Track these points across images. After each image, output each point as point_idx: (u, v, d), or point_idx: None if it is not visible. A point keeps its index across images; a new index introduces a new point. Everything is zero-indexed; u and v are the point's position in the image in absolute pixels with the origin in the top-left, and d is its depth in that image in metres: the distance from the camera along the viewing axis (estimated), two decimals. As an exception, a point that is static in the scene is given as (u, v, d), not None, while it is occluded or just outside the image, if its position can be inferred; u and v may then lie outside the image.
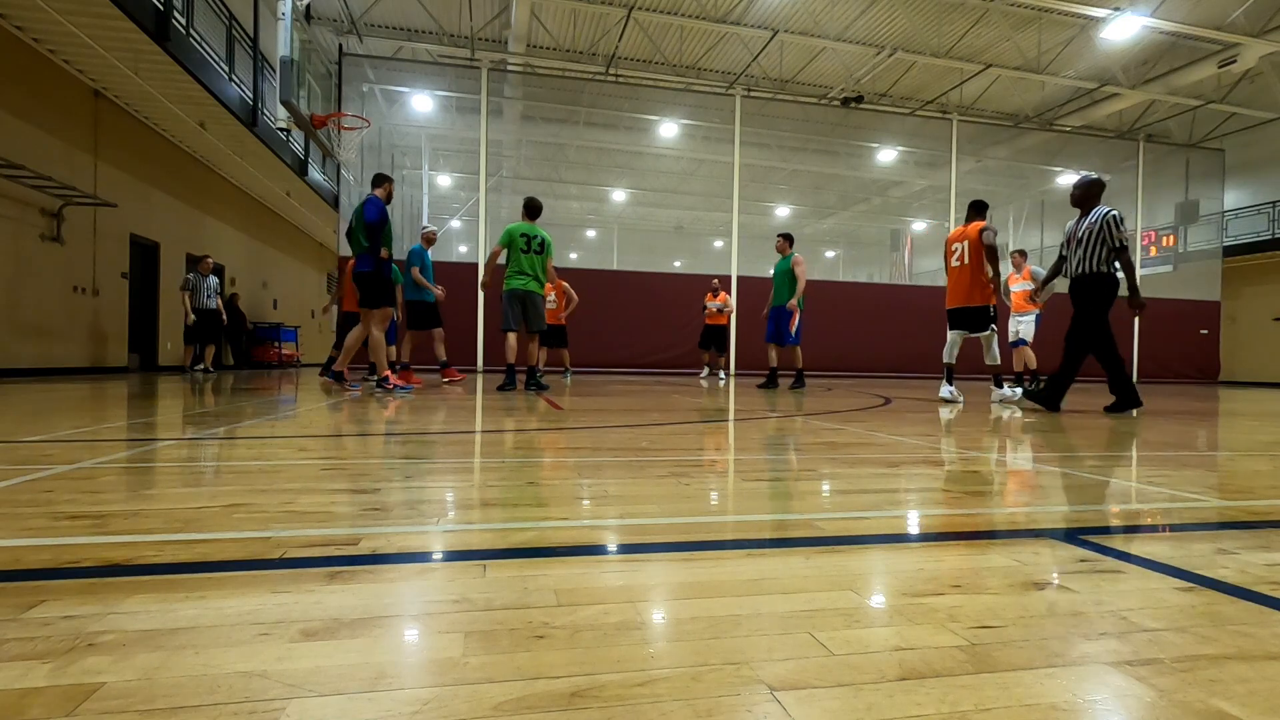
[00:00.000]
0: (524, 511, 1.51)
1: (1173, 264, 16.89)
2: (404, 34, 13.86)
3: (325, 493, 1.67)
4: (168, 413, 3.92)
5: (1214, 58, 13.07)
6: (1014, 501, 1.76)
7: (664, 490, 1.79)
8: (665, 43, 13.96)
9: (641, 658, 0.78)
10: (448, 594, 0.98)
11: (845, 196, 23.12)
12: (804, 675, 0.74)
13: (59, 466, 1.97)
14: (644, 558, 1.19)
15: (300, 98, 7.69)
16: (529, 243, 6.49)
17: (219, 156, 13.39)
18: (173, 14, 8.79)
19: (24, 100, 8.82)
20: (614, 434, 3.10)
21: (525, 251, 6.46)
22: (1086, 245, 4.91)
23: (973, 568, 1.15)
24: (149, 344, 12.15)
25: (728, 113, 13.48)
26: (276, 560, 1.12)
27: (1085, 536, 1.38)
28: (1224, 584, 1.09)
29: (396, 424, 3.39)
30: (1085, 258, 4.91)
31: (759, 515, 1.56)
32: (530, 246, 6.48)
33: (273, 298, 17.82)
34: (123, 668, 0.73)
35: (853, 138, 17.47)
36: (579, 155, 19.37)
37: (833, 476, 2.08)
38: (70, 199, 9.52)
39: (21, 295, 8.95)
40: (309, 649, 0.78)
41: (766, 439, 3.04)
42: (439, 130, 17.28)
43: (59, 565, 1.08)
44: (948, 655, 0.80)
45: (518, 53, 13.92)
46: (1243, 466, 2.48)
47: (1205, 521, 1.56)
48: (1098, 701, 0.70)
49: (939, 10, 12.62)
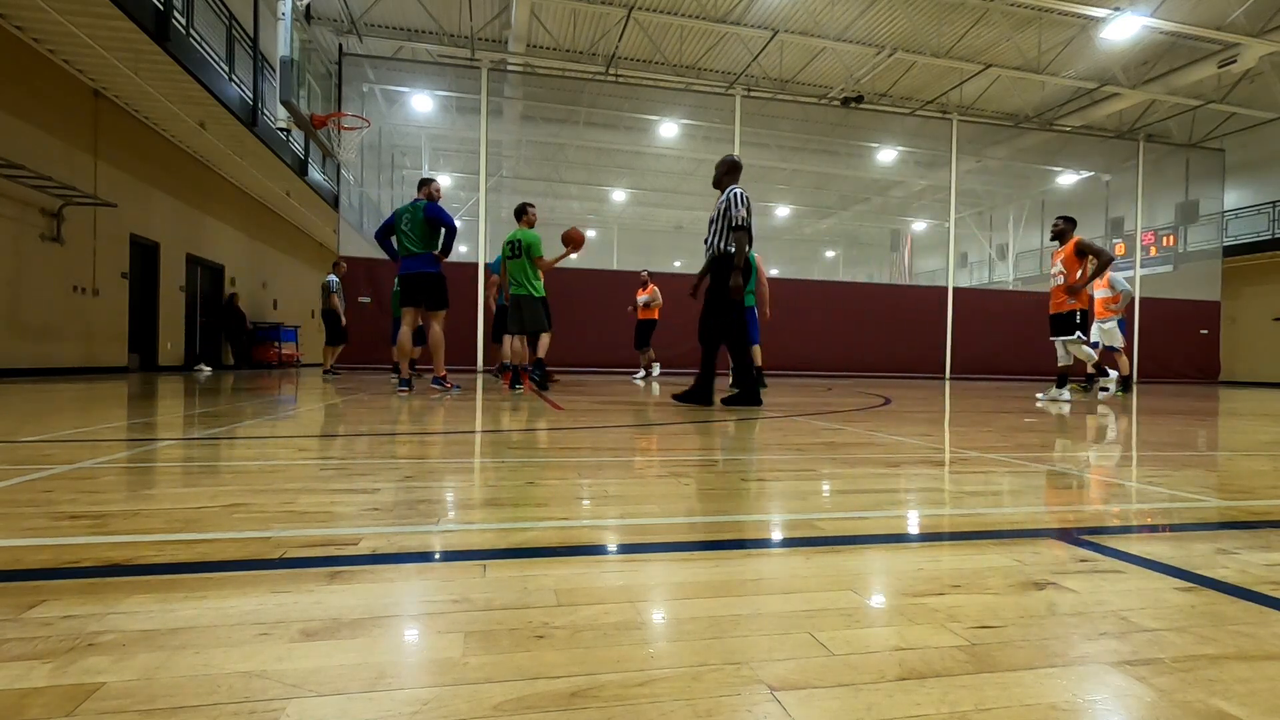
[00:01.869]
0: (524, 511, 1.51)
1: (1173, 264, 16.91)
2: (404, 34, 13.86)
3: (325, 493, 1.67)
4: (168, 413, 3.92)
5: (1214, 58, 13.07)
6: (1014, 501, 1.76)
7: (664, 490, 1.79)
8: (665, 43, 13.95)
9: (641, 658, 0.78)
10: (448, 594, 0.98)
11: (845, 196, 23.12)
12: (804, 675, 0.74)
13: (59, 466, 1.97)
14: (644, 558, 1.19)
15: (300, 98, 7.69)
16: (513, 249, 6.59)
17: (219, 156, 13.39)
18: (173, 14, 8.79)
19: (24, 100, 8.81)
20: (614, 434, 3.10)
21: (510, 258, 6.60)
22: (715, 224, 4.81)
23: (973, 568, 1.15)
24: (149, 344, 12.15)
25: (728, 113, 13.48)
26: (276, 560, 1.12)
27: (1085, 536, 1.38)
28: (1224, 584, 1.09)
29: (397, 424, 3.39)
30: (714, 237, 4.81)
31: (759, 515, 1.56)
32: (514, 251, 6.57)
33: (273, 298, 17.82)
34: (123, 668, 0.73)
35: (853, 138, 17.48)
36: (579, 155, 19.37)
37: (833, 476, 2.08)
38: (70, 199, 9.51)
39: (21, 295, 8.95)
40: (309, 649, 0.78)
41: (766, 439, 3.03)
42: (439, 130, 17.28)
43: (59, 565, 1.08)
44: (948, 655, 0.80)
45: (518, 53, 13.92)
46: (1243, 466, 2.48)
47: (1205, 521, 1.56)
48: (1098, 701, 0.70)
49: (939, 10, 12.62)
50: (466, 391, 6.32)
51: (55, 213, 9.49)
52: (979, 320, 14.47)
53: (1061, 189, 20.41)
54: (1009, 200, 22.49)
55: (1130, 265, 16.06)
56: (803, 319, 13.27)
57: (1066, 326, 6.54)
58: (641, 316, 10.17)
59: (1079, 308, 6.48)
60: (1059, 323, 6.63)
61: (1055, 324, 6.68)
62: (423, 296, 5.81)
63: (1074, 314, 6.50)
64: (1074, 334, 6.49)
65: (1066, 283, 6.46)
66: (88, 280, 10.20)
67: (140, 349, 11.87)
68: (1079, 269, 6.42)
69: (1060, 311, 6.59)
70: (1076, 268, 6.43)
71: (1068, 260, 6.47)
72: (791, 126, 16.72)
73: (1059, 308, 6.61)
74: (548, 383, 6.82)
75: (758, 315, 7.42)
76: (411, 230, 5.76)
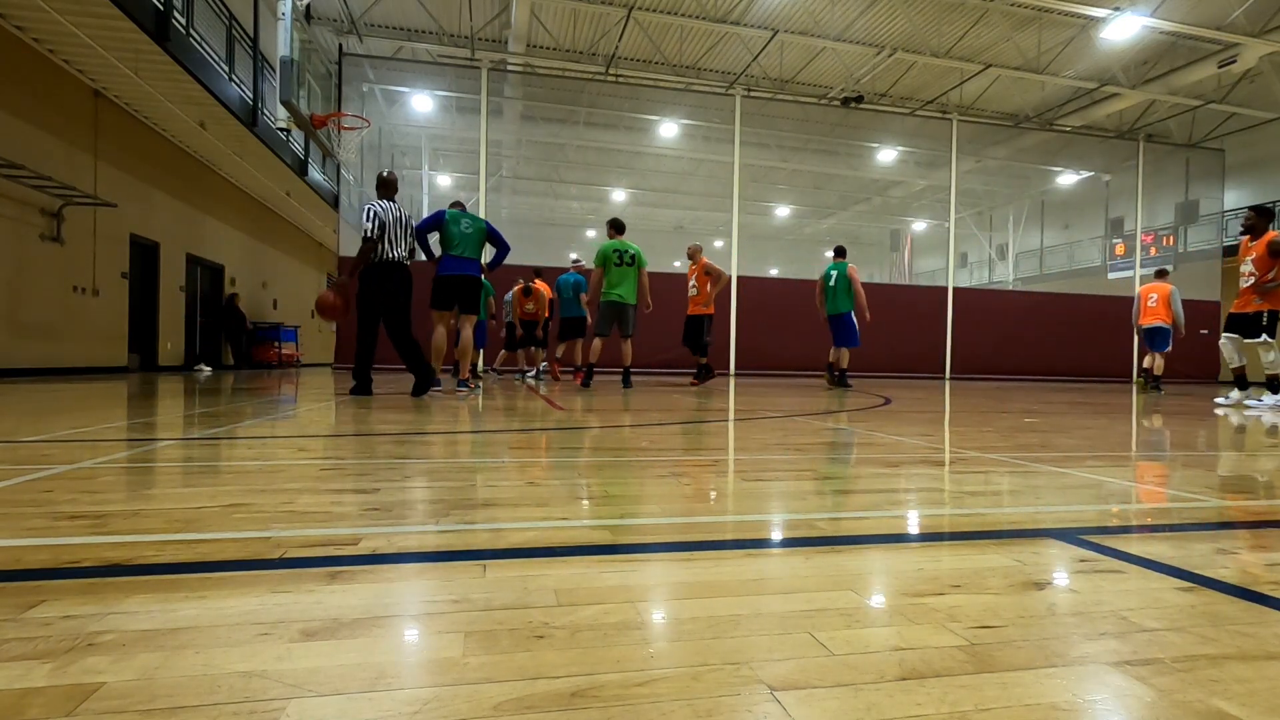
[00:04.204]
0: (524, 511, 1.51)
1: (1173, 264, 16.87)
2: (404, 34, 13.86)
3: (325, 493, 1.67)
4: (167, 413, 3.92)
5: (1214, 58, 13.08)
6: (1014, 501, 1.76)
7: (664, 490, 1.79)
8: (665, 43, 13.96)
9: (641, 658, 0.78)
10: (447, 594, 0.98)
11: (845, 196, 23.14)
12: (804, 675, 0.74)
13: (59, 466, 1.97)
14: (644, 558, 1.19)
15: (300, 98, 7.69)
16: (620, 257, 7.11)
17: (219, 156, 13.39)
18: (173, 14, 8.79)
19: (24, 100, 8.82)
20: (614, 434, 3.10)
21: (619, 265, 7.09)
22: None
23: (973, 568, 1.15)
24: (149, 344, 12.15)
25: (728, 113, 13.47)
26: (276, 560, 1.12)
27: (1085, 536, 1.38)
28: (1224, 584, 1.09)
29: (397, 424, 3.39)
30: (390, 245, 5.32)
31: (759, 515, 1.56)
32: (623, 260, 7.11)
33: (273, 298, 17.83)
34: (123, 668, 0.73)
35: (853, 138, 17.49)
36: (579, 155, 19.38)
37: (833, 476, 2.08)
38: (70, 199, 9.52)
39: (21, 295, 8.95)
40: (309, 649, 0.78)
41: (766, 439, 3.03)
42: (439, 130, 17.29)
43: (59, 565, 1.08)
44: (948, 655, 0.80)
45: (518, 53, 13.92)
46: (1243, 466, 2.48)
47: (1205, 521, 1.56)
48: (1098, 701, 0.70)
49: (939, 10, 12.62)
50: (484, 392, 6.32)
51: (55, 213, 9.49)
52: (979, 320, 14.47)
53: (1061, 189, 20.43)
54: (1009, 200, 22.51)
55: (1130, 265, 16.05)
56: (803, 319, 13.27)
57: (1252, 328, 6.21)
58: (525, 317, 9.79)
59: (1269, 309, 6.13)
60: (1243, 323, 6.26)
61: (1238, 323, 6.31)
62: (466, 299, 5.83)
63: (1260, 315, 6.16)
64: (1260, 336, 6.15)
65: (1258, 281, 6.11)
66: (88, 280, 10.21)
67: (140, 349, 11.88)
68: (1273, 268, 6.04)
69: (1245, 311, 6.24)
70: (1269, 267, 6.05)
71: (1259, 259, 6.11)
72: (791, 126, 16.73)
73: (1244, 307, 6.25)
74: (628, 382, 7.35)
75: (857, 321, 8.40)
76: (472, 235, 5.81)
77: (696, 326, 8.14)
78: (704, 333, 8.10)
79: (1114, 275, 17.19)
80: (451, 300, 5.77)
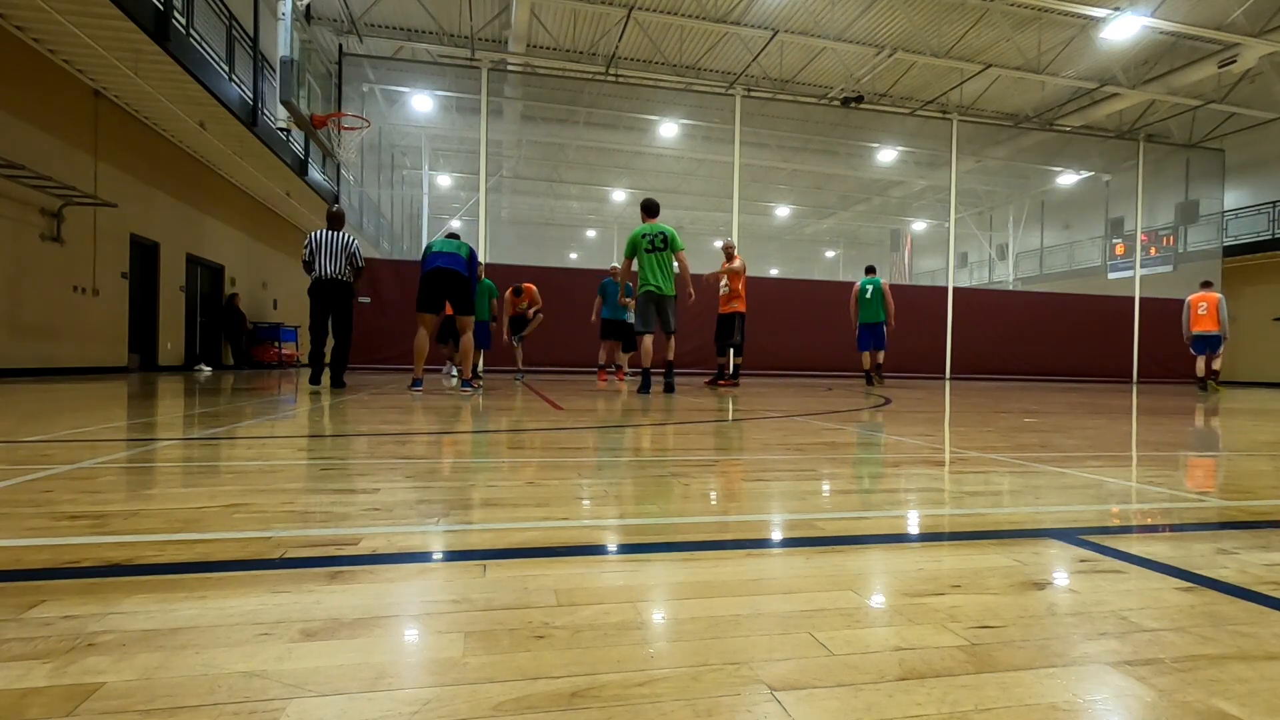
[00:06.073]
0: (524, 511, 1.51)
1: (1173, 264, 16.89)
2: (404, 34, 13.85)
3: (325, 493, 1.67)
4: (167, 413, 3.92)
5: (1214, 58, 13.07)
6: (1014, 501, 1.76)
7: (664, 490, 1.79)
8: (665, 43, 13.95)
9: (641, 658, 0.78)
10: (447, 594, 0.98)
11: (845, 196, 23.13)
12: (804, 675, 0.74)
13: (59, 466, 1.97)
14: (644, 558, 1.19)
15: (300, 98, 7.69)
16: (652, 242, 6.35)
17: (219, 156, 13.38)
18: (173, 14, 8.79)
19: (24, 100, 8.81)
20: (614, 433, 3.10)
21: (649, 251, 6.34)
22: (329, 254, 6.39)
23: (973, 568, 1.15)
24: (149, 344, 12.14)
25: (728, 113, 13.47)
26: (276, 560, 1.12)
27: (1085, 536, 1.38)
28: (1224, 584, 1.09)
29: (397, 424, 3.39)
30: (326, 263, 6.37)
31: (759, 515, 1.56)
32: (654, 245, 6.34)
33: (273, 298, 17.82)
34: (123, 668, 0.73)
35: (853, 138, 17.48)
36: (579, 155, 19.37)
37: (833, 476, 2.08)
38: (70, 199, 9.51)
39: (21, 295, 8.94)
40: (309, 649, 0.78)
41: (767, 439, 3.03)
42: (439, 130, 17.28)
43: (59, 565, 1.08)
44: (948, 655, 0.80)
45: (518, 53, 13.91)
46: (1243, 466, 2.48)
47: (1205, 521, 1.56)
48: (1098, 701, 0.70)
49: (939, 10, 12.61)
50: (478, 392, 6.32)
51: (55, 213, 9.48)
52: (979, 320, 14.47)
53: (1061, 189, 20.42)
54: (1009, 200, 22.49)
55: (1130, 265, 16.05)
56: (803, 319, 13.28)
57: None
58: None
59: None
60: None
61: None
62: (454, 295, 5.74)
63: None
64: None
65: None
66: (88, 280, 10.20)
67: (140, 349, 11.87)
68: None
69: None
70: None
71: None
72: (791, 126, 16.72)
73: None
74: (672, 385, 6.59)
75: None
76: (451, 243, 5.89)
77: (727, 325, 7.95)
78: (734, 331, 7.90)
79: (1114, 275, 17.19)
80: (437, 298, 5.73)
